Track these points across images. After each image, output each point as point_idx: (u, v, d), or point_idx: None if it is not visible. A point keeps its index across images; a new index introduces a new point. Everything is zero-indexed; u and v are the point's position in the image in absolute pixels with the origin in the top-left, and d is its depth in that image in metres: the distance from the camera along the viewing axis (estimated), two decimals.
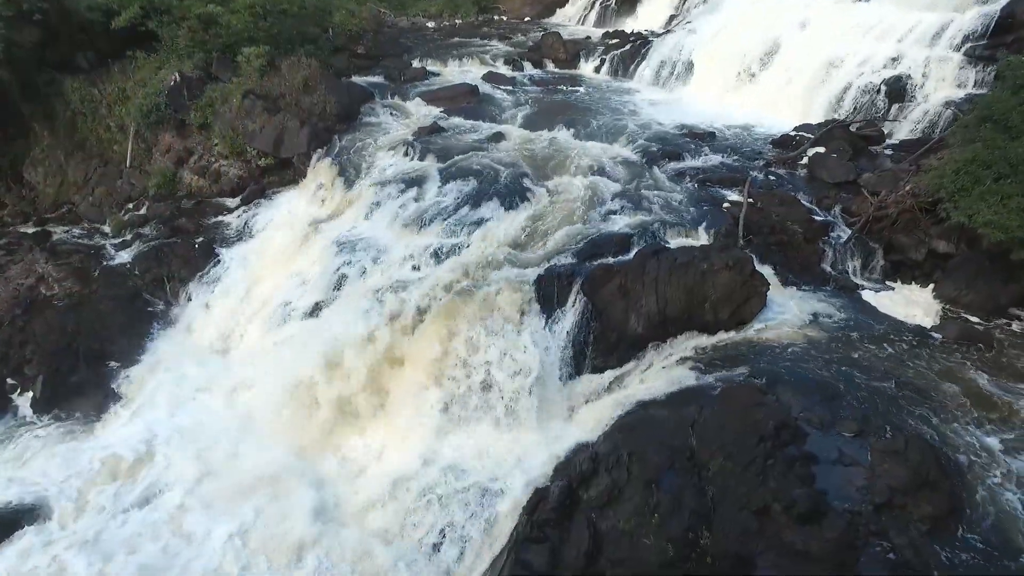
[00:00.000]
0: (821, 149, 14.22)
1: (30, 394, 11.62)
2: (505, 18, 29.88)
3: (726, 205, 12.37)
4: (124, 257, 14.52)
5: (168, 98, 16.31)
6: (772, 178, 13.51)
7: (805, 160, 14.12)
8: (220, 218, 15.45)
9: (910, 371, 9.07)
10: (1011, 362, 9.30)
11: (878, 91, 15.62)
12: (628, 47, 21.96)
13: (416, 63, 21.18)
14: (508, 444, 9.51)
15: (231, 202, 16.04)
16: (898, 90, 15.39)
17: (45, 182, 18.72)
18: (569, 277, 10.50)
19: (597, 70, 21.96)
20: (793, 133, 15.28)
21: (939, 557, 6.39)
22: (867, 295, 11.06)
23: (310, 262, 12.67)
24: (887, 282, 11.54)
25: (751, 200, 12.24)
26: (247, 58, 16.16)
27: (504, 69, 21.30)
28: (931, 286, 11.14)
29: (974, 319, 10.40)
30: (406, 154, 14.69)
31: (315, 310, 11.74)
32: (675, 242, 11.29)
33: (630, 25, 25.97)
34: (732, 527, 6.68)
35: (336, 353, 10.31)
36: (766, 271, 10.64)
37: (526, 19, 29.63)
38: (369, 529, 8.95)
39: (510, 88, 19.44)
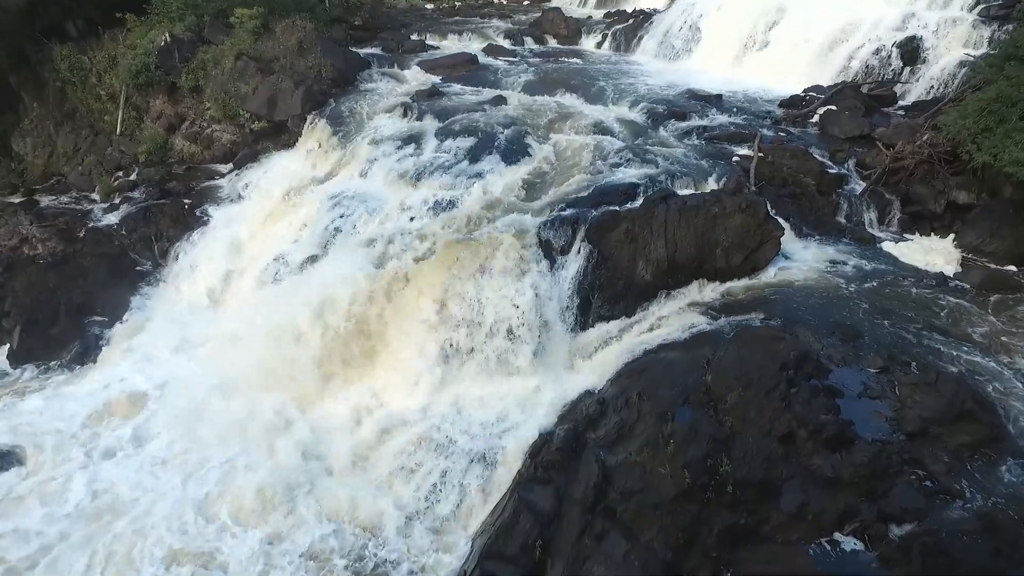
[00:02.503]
0: (832, 107, 13.77)
1: (7, 346, 11.11)
2: (505, 1, 29.51)
3: (735, 159, 11.93)
4: (111, 219, 14.02)
5: (158, 59, 15.81)
6: (782, 134, 13.04)
7: (815, 118, 13.67)
8: (212, 182, 14.95)
9: (934, 314, 8.63)
10: None
11: (889, 54, 15.18)
12: (630, 22, 21.63)
13: (415, 36, 20.81)
14: (510, 392, 8.98)
15: (223, 167, 15.55)
16: (910, 52, 14.94)
17: (34, 153, 18.23)
18: (573, 223, 10.00)
19: (599, 45, 21.58)
20: (802, 93, 14.85)
21: (982, 484, 5.88)
22: (885, 245, 10.59)
23: (304, 218, 12.16)
24: (905, 234, 11.05)
25: (761, 154, 11.77)
26: (240, 19, 15.71)
27: (505, 43, 20.88)
28: (951, 236, 10.66)
29: (997, 267, 9.92)
30: (404, 115, 14.22)
31: (309, 262, 11.21)
32: (684, 192, 10.79)
33: (632, 4, 25.59)
34: (754, 454, 6.16)
35: (330, 301, 9.79)
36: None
37: (525, 2, 29.26)
38: (366, 476, 8.40)
39: (511, 59, 19.00)
